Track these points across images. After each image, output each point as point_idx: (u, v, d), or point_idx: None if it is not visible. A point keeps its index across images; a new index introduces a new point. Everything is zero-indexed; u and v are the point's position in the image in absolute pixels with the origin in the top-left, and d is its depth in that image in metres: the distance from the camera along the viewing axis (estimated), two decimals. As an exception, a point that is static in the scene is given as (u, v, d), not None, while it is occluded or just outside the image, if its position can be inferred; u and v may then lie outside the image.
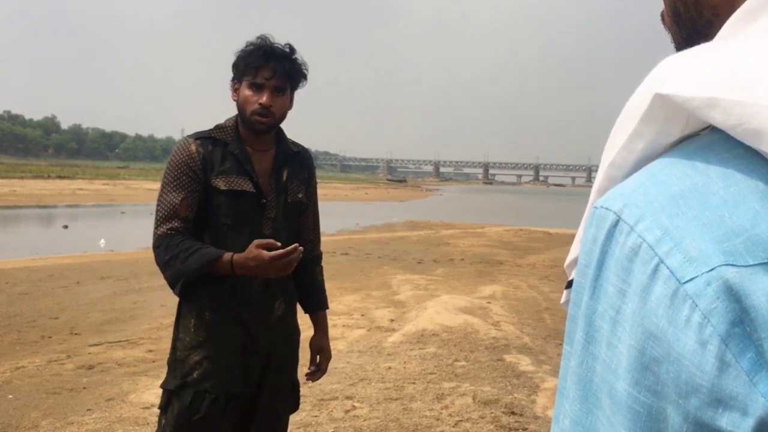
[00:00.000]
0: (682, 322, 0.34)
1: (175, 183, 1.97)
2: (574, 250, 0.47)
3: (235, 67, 2.04)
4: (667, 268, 0.35)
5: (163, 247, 1.94)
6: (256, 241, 1.87)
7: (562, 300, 0.51)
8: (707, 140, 0.39)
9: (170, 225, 1.95)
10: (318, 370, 2.27)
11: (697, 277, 0.34)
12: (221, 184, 1.97)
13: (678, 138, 0.41)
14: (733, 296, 0.33)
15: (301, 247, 1.88)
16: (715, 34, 0.45)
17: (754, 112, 0.35)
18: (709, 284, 0.34)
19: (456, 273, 10.22)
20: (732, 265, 0.34)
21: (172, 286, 1.95)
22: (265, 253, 1.84)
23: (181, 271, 1.90)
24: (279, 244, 1.87)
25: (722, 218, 0.35)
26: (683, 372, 0.34)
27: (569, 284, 0.47)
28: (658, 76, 0.41)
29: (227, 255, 1.89)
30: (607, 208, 0.39)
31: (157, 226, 1.97)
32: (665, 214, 0.36)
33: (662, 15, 0.53)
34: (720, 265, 0.34)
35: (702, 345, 0.33)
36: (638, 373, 0.35)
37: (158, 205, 1.99)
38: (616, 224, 0.38)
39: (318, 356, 2.27)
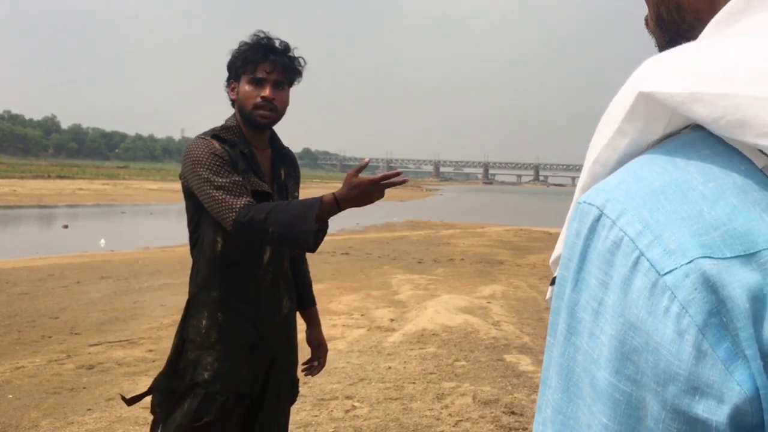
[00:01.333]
0: (661, 312, 0.35)
1: (223, 170, 1.89)
2: (559, 248, 0.48)
3: (232, 65, 2.03)
4: (648, 260, 0.36)
5: (254, 211, 1.81)
6: (351, 171, 1.82)
7: (548, 296, 0.52)
8: (688, 138, 0.40)
9: (246, 200, 1.85)
10: (319, 364, 2.31)
11: (676, 269, 0.35)
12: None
13: (660, 136, 0.42)
14: (711, 287, 0.34)
15: (401, 170, 1.85)
16: (696, 38, 0.46)
17: (736, 103, 0.36)
18: (688, 276, 0.35)
19: (456, 273, 10.22)
20: (710, 257, 0.35)
21: (285, 232, 1.78)
22: (366, 178, 1.80)
23: (293, 220, 1.76)
24: (367, 160, 1.92)
25: (701, 212, 0.36)
26: (661, 361, 0.35)
27: (554, 281, 0.48)
28: (641, 75, 0.42)
29: (327, 195, 1.81)
30: (590, 203, 0.40)
31: (230, 206, 1.83)
32: (646, 208, 0.37)
33: (646, 19, 0.54)
34: (698, 258, 0.35)
35: (680, 335, 0.34)
36: (619, 362, 0.36)
37: (216, 191, 1.86)
38: (598, 218, 0.39)
39: (317, 351, 2.32)
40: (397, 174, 1.82)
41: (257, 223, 1.80)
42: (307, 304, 2.31)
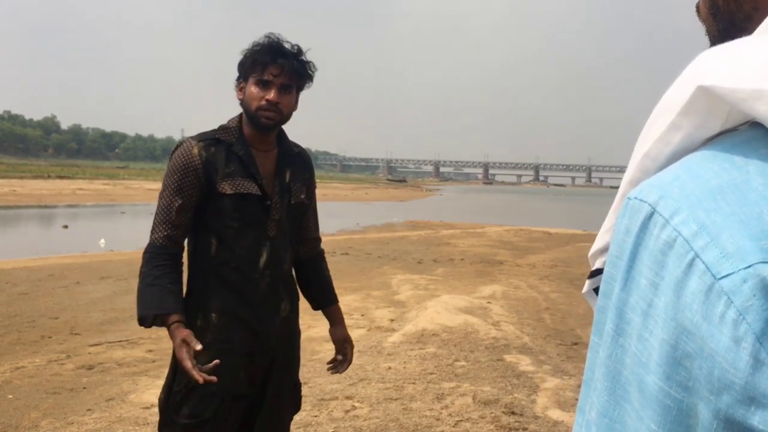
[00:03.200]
0: (716, 318, 0.34)
1: (174, 186, 1.98)
2: (601, 240, 0.47)
3: (242, 65, 2.02)
4: (703, 262, 0.35)
5: (146, 258, 1.98)
6: (185, 337, 1.85)
7: (584, 289, 0.50)
8: (746, 136, 0.39)
9: (164, 233, 1.97)
10: (345, 360, 2.26)
11: (733, 273, 0.34)
12: (227, 188, 1.96)
13: (716, 132, 0.40)
14: None
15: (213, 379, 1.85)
16: (753, 29, 0.45)
17: None
18: (746, 281, 0.33)
19: (456, 273, 10.22)
20: None
21: (137, 297, 1.99)
22: (179, 357, 1.84)
23: (141, 299, 1.96)
24: (199, 347, 1.84)
25: (761, 215, 0.35)
26: (716, 368, 0.33)
27: (592, 274, 0.47)
28: (699, 68, 0.40)
29: (173, 317, 1.89)
30: (641, 200, 0.39)
31: (152, 230, 2.00)
32: (702, 208, 0.36)
33: (697, 6, 0.53)
34: (757, 263, 0.33)
35: (736, 342, 0.33)
36: (670, 367, 0.35)
37: (157, 207, 2.01)
38: (650, 216, 0.38)
39: (343, 347, 2.27)
40: (202, 380, 1.84)
41: (141, 268, 1.99)
42: (327, 302, 2.29)
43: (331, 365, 2.27)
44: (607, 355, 0.40)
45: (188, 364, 1.82)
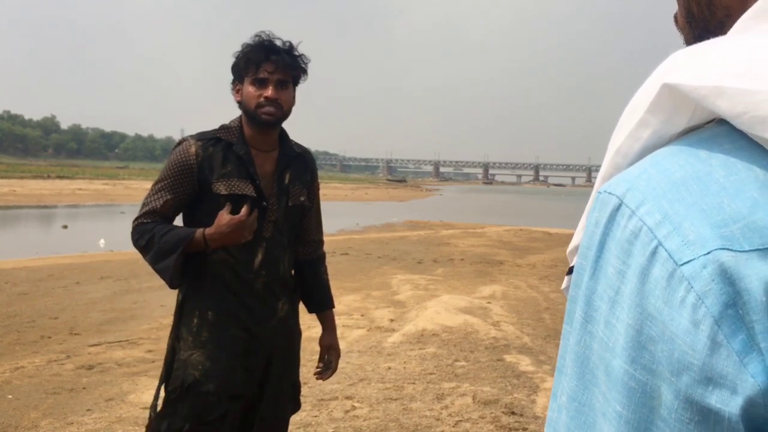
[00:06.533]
0: (677, 302, 0.35)
1: (167, 182, 2.00)
2: (577, 238, 0.49)
3: (236, 67, 2.04)
4: (666, 250, 0.36)
5: (138, 232, 2.00)
6: (223, 211, 1.92)
7: (563, 285, 0.52)
8: (711, 132, 0.40)
9: (148, 219, 2.01)
10: (329, 368, 2.26)
11: (693, 259, 0.35)
12: (222, 188, 1.97)
13: (683, 129, 0.42)
14: (728, 279, 0.34)
15: (254, 213, 1.93)
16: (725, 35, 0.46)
17: (760, 99, 0.36)
18: (705, 267, 0.35)
19: (456, 273, 10.22)
20: (728, 249, 0.35)
21: (153, 264, 1.98)
22: (236, 217, 1.90)
23: (159, 254, 1.94)
24: (244, 213, 1.92)
25: (721, 205, 0.36)
26: (676, 350, 0.35)
27: (570, 270, 0.48)
28: (667, 67, 0.42)
29: (198, 232, 1.92)
30: (610, 193, 0.41)
31: (137, 217, 2.03)
32: (666, 199, 0.37)
33: (675, 17, 0.54)
34: (716, 249, 0.35)
35: (695, 325, 0.34)
36: (635, 351, 0.37)
37: (146, 195, 2.04)
38: (618, 208, 0.39)
39: (328, 354, 2.26)
40: (248, 214, 1.93)
41: (138, 247, 2.00)
42: (321, 307, 2.27)
43: (316, 371, 2.27)
44: (576, 342, 0.41)
45: (235, 218, 1.90)
